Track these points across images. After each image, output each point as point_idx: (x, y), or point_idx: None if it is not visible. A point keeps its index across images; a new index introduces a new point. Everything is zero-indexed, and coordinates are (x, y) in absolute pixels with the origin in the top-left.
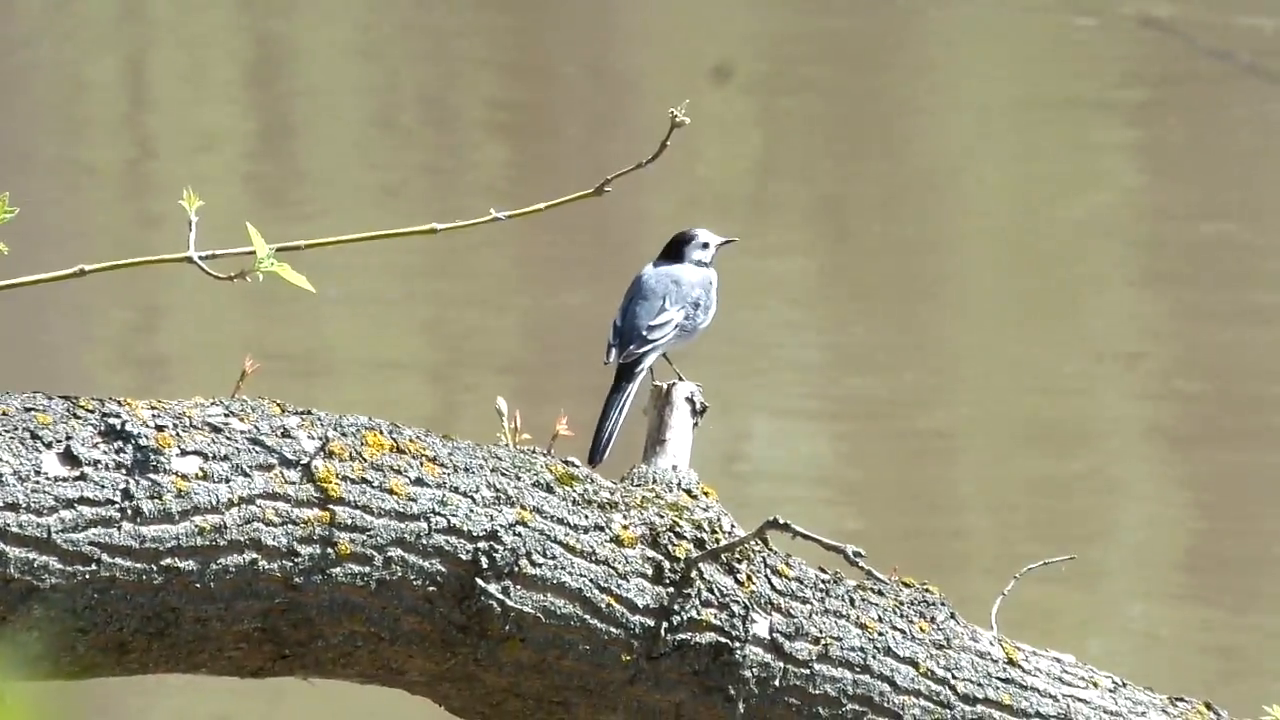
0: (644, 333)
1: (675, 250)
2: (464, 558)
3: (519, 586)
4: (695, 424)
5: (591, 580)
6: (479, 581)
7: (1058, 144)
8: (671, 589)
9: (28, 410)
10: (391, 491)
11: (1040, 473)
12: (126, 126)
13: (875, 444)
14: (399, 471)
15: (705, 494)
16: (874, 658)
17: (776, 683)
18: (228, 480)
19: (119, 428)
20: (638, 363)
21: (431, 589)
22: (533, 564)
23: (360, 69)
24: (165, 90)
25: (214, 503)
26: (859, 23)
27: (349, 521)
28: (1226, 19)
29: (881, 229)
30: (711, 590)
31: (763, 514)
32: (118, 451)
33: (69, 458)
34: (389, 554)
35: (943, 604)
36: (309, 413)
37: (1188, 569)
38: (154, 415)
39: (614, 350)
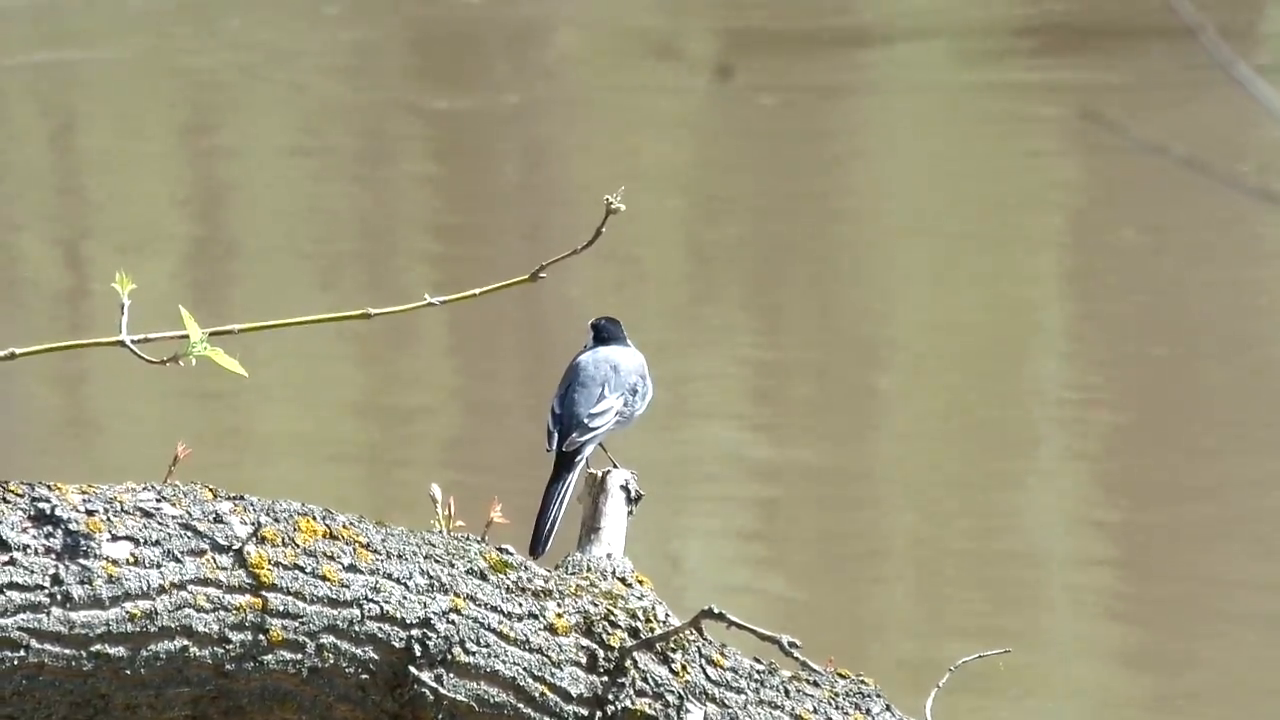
0: (585, 420)
1: (608, 333)
2: (397, 645)
3: (452, 675)
4: (630, 512)
5: (525, 669)
6: (412, 669)
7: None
8: (605, 678)
9: None
10: (324, 578)
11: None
12: (57, 209)
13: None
14: (332, 558)
15: (640, 582)
16: None
17: None
18: (159, 566)
19: (49, 512)
20: (578, 451)
21: (364, 677)
22: (466, 652)
23: (295, 158)
24: (96, 177)
25: (145, 588)
26: (791, 112)
27: (281, 608)
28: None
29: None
30: (646, 679)
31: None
32: (47, 536)
33: None
34: (321, 641)
35: (878, 695)
36: (241, 498)
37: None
38: (84, 500)
39: (554, 438)
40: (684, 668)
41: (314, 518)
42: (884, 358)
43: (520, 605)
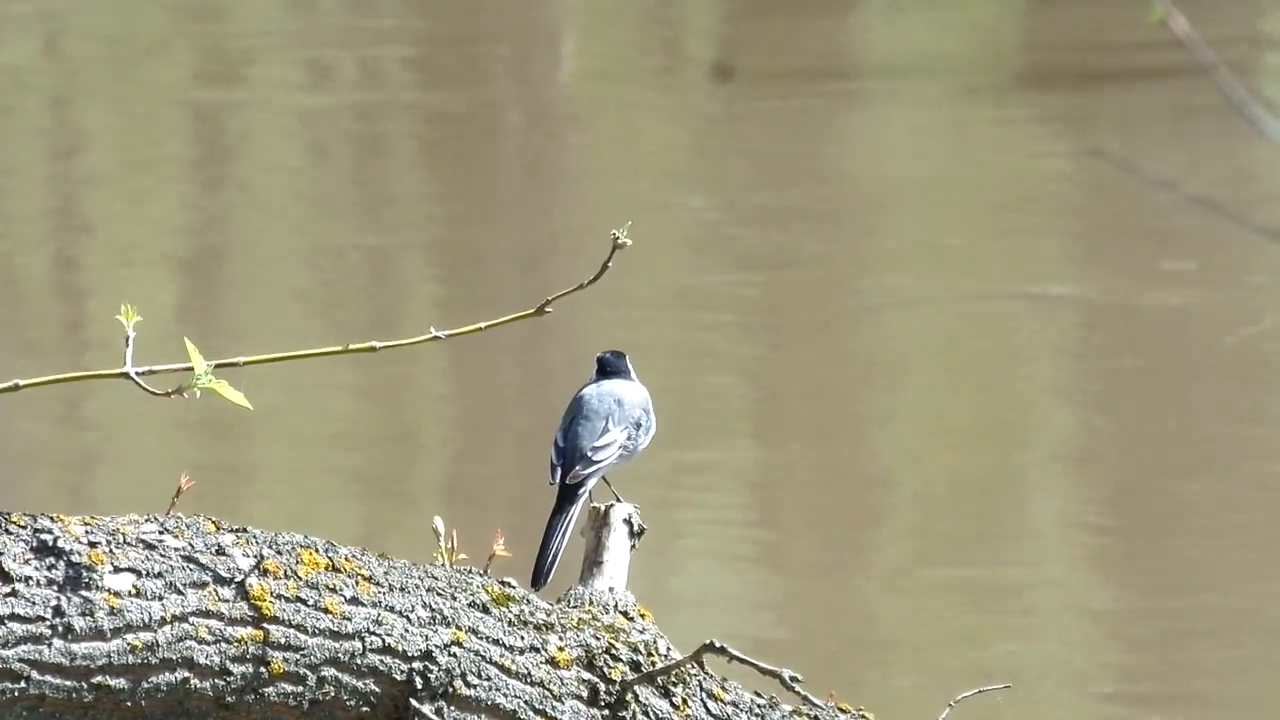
0: (588, 454)
1: (613, 366)
2: (398, 678)
3: (453, 708)
4: (633, 546)
5: (526, 702)
6: (413, 702)
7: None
8: (607, 711)
9: None
10: (326, 610)
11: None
12: (54, 235)
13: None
14: (334, 590)
15: (642, 616)
16: None
17: None
18: (161, 598)
19: (51, 544)
20: (581, 484)
21: (365, 709)
22: (468, 685)
23: (301, 180)
24: (98, 205)
25: (146, 620)
26: (797, 150)
27: (283, 640)
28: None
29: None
30: (647, 713)
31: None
32: (49, 568)
33: None
34: (323, 673)
35: None
36: (244, 530)
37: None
38: (87, 531)
39: (558, 471)
40: (685, 702)
41: (316, 550)
42: (888, 377)
43: (522, 638)
